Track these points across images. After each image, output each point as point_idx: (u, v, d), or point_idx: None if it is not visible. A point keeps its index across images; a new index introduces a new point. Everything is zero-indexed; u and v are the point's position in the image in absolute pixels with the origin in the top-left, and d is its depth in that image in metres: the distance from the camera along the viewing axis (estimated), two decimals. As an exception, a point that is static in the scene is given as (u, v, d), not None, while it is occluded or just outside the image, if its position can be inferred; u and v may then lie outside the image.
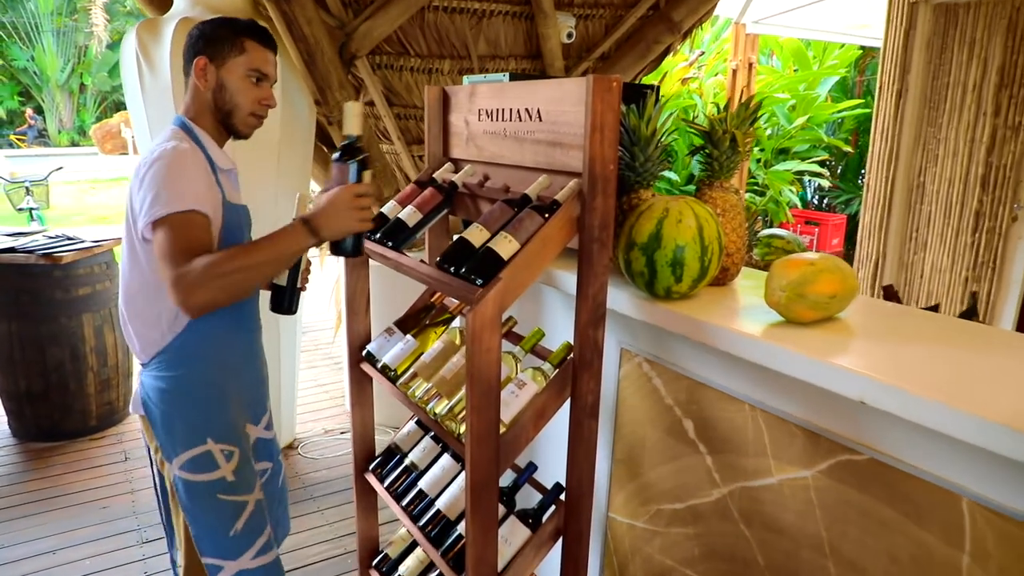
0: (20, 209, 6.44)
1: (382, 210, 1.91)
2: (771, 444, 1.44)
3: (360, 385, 2.11)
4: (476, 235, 1.52)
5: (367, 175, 1.64)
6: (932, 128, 3.73)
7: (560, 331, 1.99)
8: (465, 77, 2.15)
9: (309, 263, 1.94)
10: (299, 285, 1.91)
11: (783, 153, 6.30)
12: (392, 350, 1.92)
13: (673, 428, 1.70)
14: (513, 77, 1.92)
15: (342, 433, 3.77)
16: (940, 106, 3.67)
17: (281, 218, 3.33)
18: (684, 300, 1.54)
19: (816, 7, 4.66)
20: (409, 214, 1.82)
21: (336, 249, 1.69)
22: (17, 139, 20.70)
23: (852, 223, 7.03)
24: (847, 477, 1.29)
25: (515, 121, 1.70)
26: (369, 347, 2.00)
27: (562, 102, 1.52)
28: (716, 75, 6.62)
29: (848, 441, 1.26)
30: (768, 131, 6.43)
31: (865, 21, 5.09)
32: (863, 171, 7.40)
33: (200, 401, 1.72)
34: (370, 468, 2.12)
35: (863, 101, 6.80)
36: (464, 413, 1.56)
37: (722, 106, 1.71)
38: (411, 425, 2.12)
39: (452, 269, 1.51)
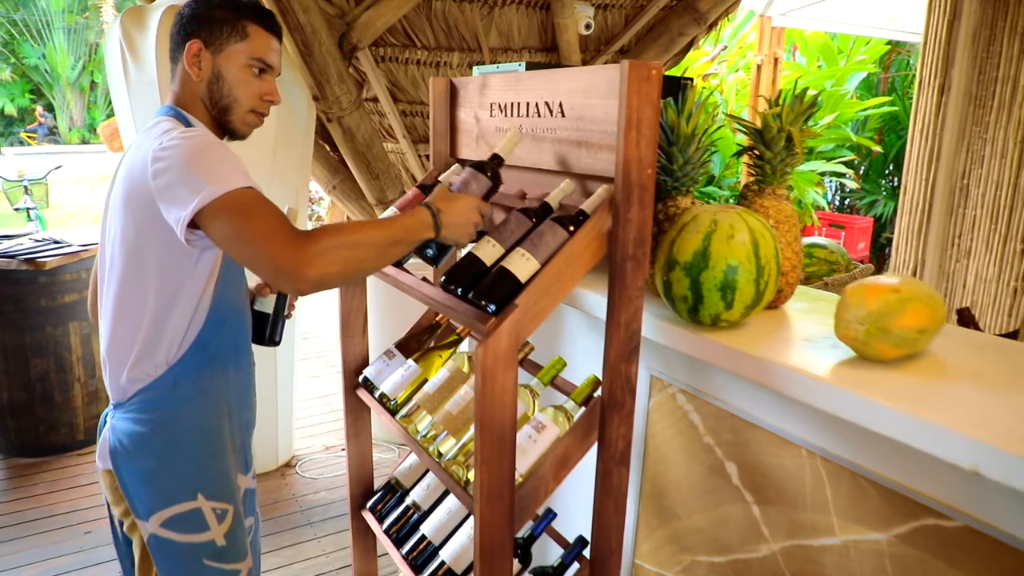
0: (17, 209, 6.26)
1: (382, 217, 1.69)
2: (834, 499, 1.22)
3: (356, 414, 1.88)
4: (488, 250, 1.29)
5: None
6: (978, 127, 3.46)
7: (584, 358, 1.75)
8: (475, 68, 1.91)
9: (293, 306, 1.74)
10: (286, 312, 1.68)
11: (807, 153, 6.03)
12: (392, 377, 1.69)
13: (713, 470, 1.48)
14: (530, 67, 1.68)
15: (343, 450, 3.55)
16: (987, 103, 3.41)
17: None
18: (732, 328, 1.30)
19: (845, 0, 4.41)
20: None
21: (419, 250, 1.48)
22: (28, 136, 20.66)
23: (877, 226, 6.76)
24: (933, 546, 1.07)
25: (533, 117, 1.47)
26: (366, 372, 1.78)
27: (589, 94, 1.29)
28: (737, 71, 6.36)
29: (937, 504, 1.04)
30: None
31: (895, 14, 4.82)
32: (887, 171, 7.12)
33: (192, 448, 1.46)
34: (368, 506, 1.89)
35: (891, 99, 6.52)
36: (473, 457, 1.34)
37: (773, 99, 1.47)
38: (414, 457, 1.89)
39: (459, 291, 1.27)
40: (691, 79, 1.93)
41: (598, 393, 1.37)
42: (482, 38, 3.15)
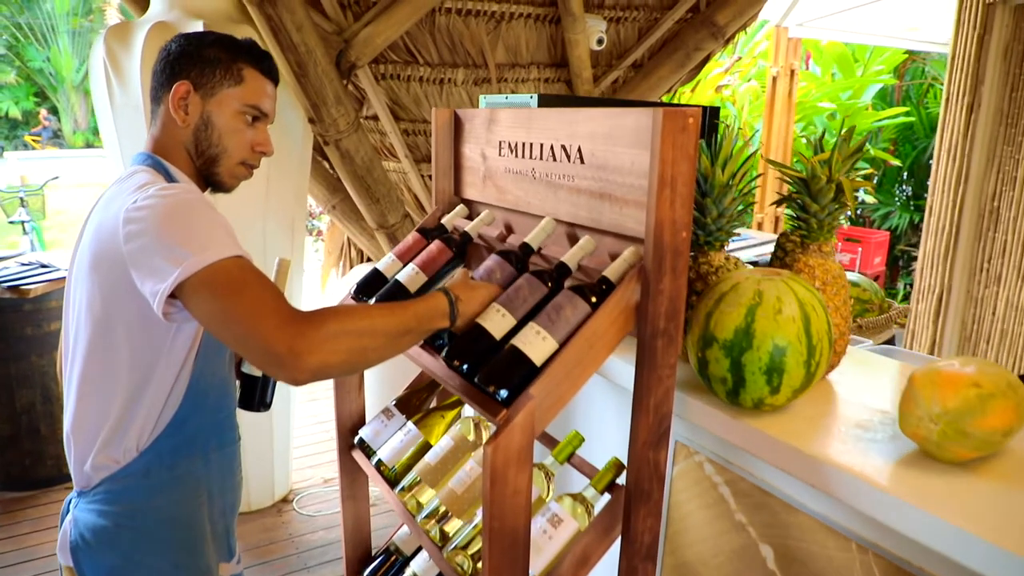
0: (12, 222, 6.13)
1: (376, 266, 1.53)
2: (890, 603, 1.05)
3: (352, 475, 1.72)
4: (497, 321, 1.12)
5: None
6: (1010, 147, 3.29)
7: (603, 428, 1.59)
8: (482, 97, 1.75)
9: None
10: None
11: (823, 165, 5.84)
12: (390, 442, 1.54)
13: (745, 552, 1.32)
14: (543, 101, 1.52)
15: (342, 483, 3.39)
16: (1019, 122, 3.23)
17: (269, 254, 3.02)
18: (775, 411, 1.14)
19: (865, 9, 4.23)
20: (410, 276, 1.42)
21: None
22: (32, 140, 20.61)
23: (891, 238, 6.57)
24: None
25: (547, 160, 1.31)
26: (362, 433, 1.62)
27: (614, 140, 1.13)
28: (749, 80, 6.18)
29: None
30: (804, 140, 5.99)
31: (916, 23, 4.65)
32: (901, 181, 6.94)
33: (165, 543, 1.30)
34: (365, 574, 1.73)
35: (908, 109, 6.33)
36: (480, 547, 1.18)
37: (817, 142, 1.31)
38: (414, 521, 1.73)
39: (465, 367, 1.11)
40: (718, 109, 1.76)
41: (621, 479, 1.21)
42: (488, 54, 2.99)
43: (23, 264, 3.38)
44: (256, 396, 1.47)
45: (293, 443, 3.39)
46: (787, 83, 4.82)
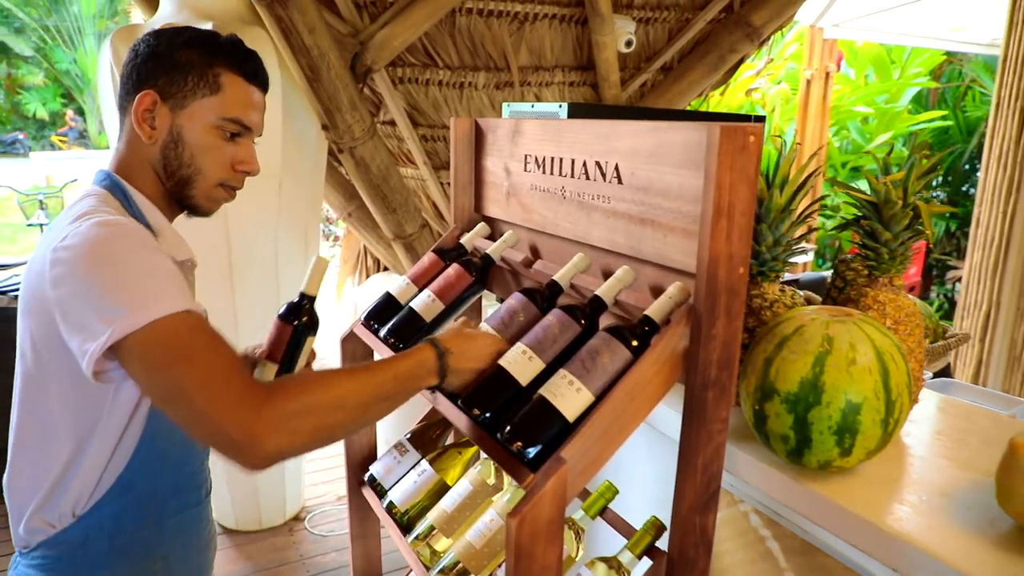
0: (31, 224, 6.09)
1: (389, 290, 1.40)
2: None
3: (362, 513, 1.59)
4: (523, 365, 0.99)
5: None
6: (1066, 154, 3.09)
7: (640, 481, 1.44)
8: (506, 105, 1.61)
9: (314, 353, 1.33)
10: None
11: (856, 171, 5.64)
12: (403, 483, 1.41)
13: (798, 618, 1.16)
14: (573, 110, 1.37)
15: (356, 501, 3.27)
16: (1077, 128, 3.03)
17: (281, 265, 2.90)
18: (843, 473, 0.99)
19: (906, 8, 4.04)
20: (425, 304, 1.29)
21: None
22: (59, 140, 20.85)
23: (926, 247, 6.35)
24: None
25: (579, 178, 1.17)
26: (373, 469, 1.49)
27: (658, 159, 0.98)
28: (779, 83, 5.98)
29: None
30: (837, 144, 5.79)
31: (961, 23, 4.44)
32: (935, 186, 6.70)
33: None
34: (374, 619, 1.60)
35: (945, 113, 6.10)
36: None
37: (884, 159, 1.15)
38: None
39: (487, 416, 0.98)
40: (763, 118, 1.61)
41: (661, 541, 1.07)
42: (511, 56, 2.85)
43: (33, 271, 3.29)
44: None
45: (306, 458, 3.27)
46: (821, 86, 4.62)
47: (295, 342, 1.21)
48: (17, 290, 3.00)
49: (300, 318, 1.20)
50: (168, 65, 1.07)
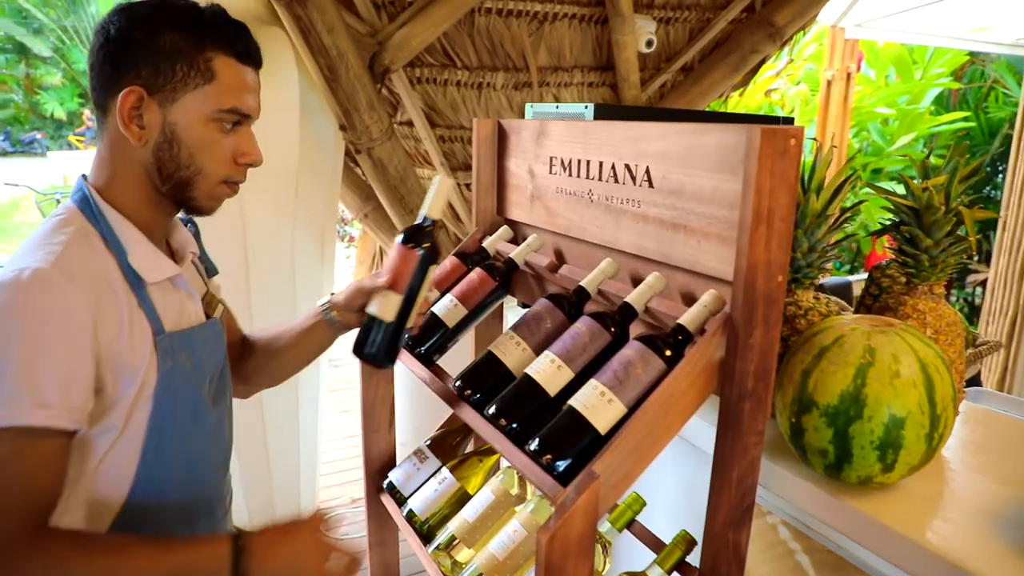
0: (48, 223, 6.15)
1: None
2: None
3: (380, 520, 1.57)
4: (551, 373, 0.96)
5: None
6: (1096, 157, 3.02)
7: (667, 492, 1.41)
8: (529, 105, 1.58)
9: (433, 291, 1.23)
10: (410, 324, 1.15)
11: (876, 174, 5.57)
12: (423, 490, 1.38)
13: (830, 635, 1.13)
14: (600, 112, 1.34)
15: (371, 504, 3.24)
16: (1107, 130, 2.96)
17: (297, 265, 2.86)
18: (883, 489, 0.95)
19: (930, 8, 3.97)
20: (448, 309, 1.26)
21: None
22: (76, 140, 21.05)
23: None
24: None
25: (607, 181, 1.14)
26: (392, 476, 1.47)
27: (691, 162, 0.95)
28: (798, 84, 5.92)
29: None
30: (857, 145, 5.72)
31: (985, 23, 4.36)
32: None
33: None
34: (392, 628, 1.58)
35: (967, 114, 6.01)
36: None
37: (921, 164, 1.11)
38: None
39: (514, 426, 0.95)
40: (792, 119, 1.58)
41: (691, 556, 1.04)
42: (530, 56, 2.82)
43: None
44: (376, 344, 1.11)
45: (321, 458, 3.25)
46: (843, 87, 4.56)
47: (421, 270, 1.11)
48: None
49: (424, 242, 1.11)
50: (150, 53, 0.94)
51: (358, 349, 1.14)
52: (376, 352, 1.11)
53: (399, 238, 1.13)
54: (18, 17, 18.81)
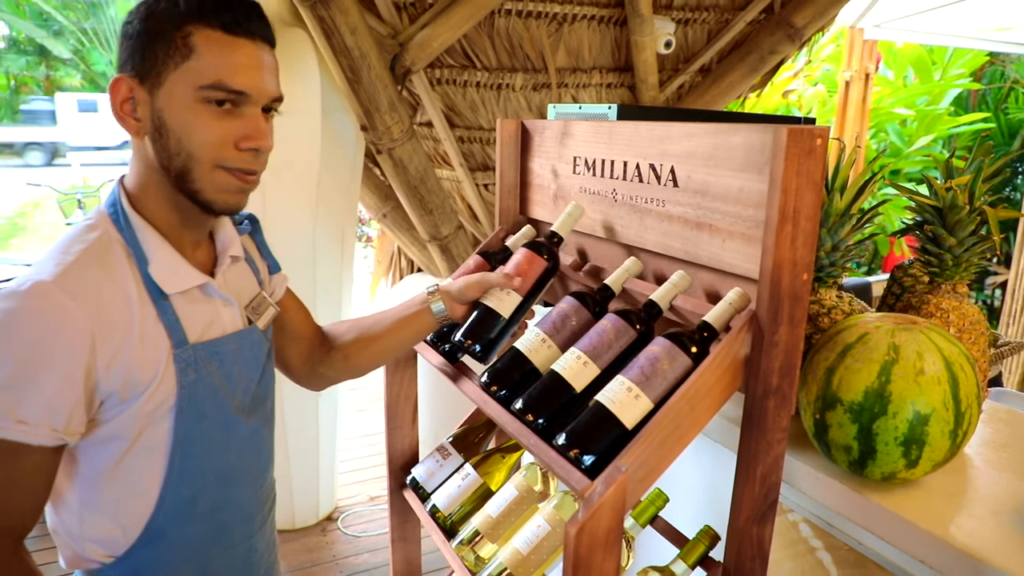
0: (69, 223, 6.20)
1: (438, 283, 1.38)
2: None
3: (403, 515, 1.58)
4: (577, 370, 0.97)
5: None
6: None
7: (689, 488, 1.42)
8: (551, 106, 1.60)
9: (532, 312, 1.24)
10: (516, 329, 1.19)
11: (894, 175, 5.54)
12: (446, 487, 1.40)
13: (851, 632, 1.14)
14: (623, 112, 1.36)
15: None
16: None
17: (318, 264, 2.89)
18: (906, 486, 0.96)
19: (950, 8, 3.95)
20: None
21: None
22: (94, 140, 21.25)
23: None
24: None
25: (632, 181, 1.15)
26: (415, 472, 1.48)
27: (716, 162, 0.96)
28: (816, 84, 5.89)
29: None
30: (875, 146, 5.69)
31: (1006, 22, 4.33)
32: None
33: None
34: (414, 622, 1.60)
35: (987, 115, 5.97)
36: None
37: (945, 165, 1.12)
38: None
39: (540, 422, 0.96)
40: (813, 120, 1.58)
41: (715, 551, 1.05)
42: (549, 58, 2.84)
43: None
44: (487, 338, 1.14)
45: (339, 456, 3.28)
46: (861, 88, 4.54)
47: (542, 278, 1.18)
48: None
49: (552, 256, 1.20)
50: (139, 40, 0.90)
51: (465, 338, 1.14)
52: (483, 344, 1.14)
53: (527, 244, 1.20)
54: (39, 20, 19.03)
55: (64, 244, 0.91)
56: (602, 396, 0.90)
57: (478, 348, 1.14)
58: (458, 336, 1.16)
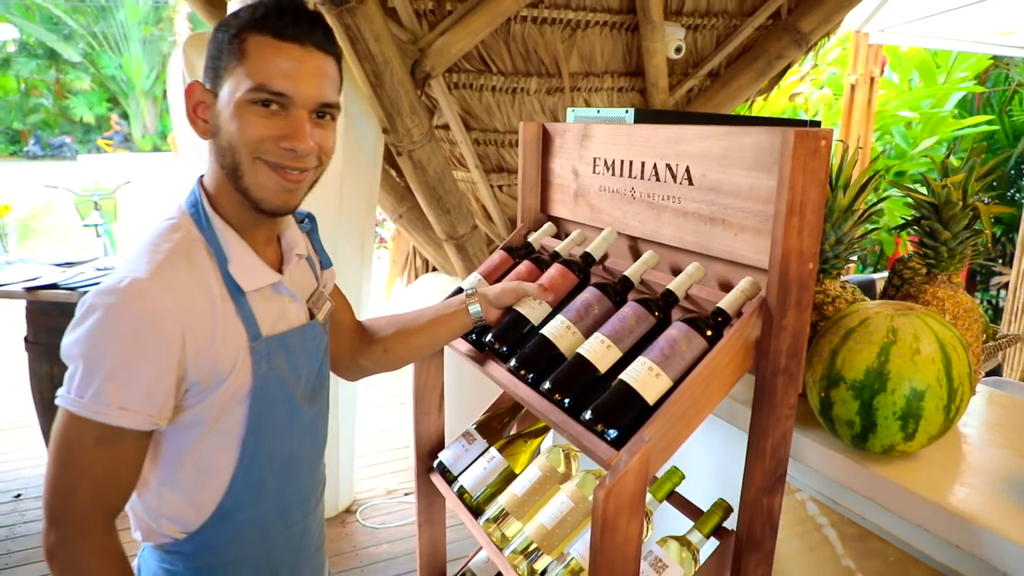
0: (87, 225, 6.30)
1: (461, 285, 1.47)
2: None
3: (429, 499, 1.67)
4: (601, 353, 1.06)
5: None
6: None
7: (703, 466, 1.50)
8: (570, 110, 1.69)
9: None
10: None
11: (899, 176, 5.61)
12: (473, 469, 1.48)
13: (854, 603, 1.22)
14: (640, 116, 1.45)
15: (406, 495, 3.36)
16: None
17: (338, 265, 2.94)
18: (905, 458, 1.04)
19: (955, 13, 4.02)
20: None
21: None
22: (105, 143, 21.40)
23: (972, 252, 6.25)
24: None
25: (649, 180, 1.24)
26: (442, 456, 1.57)
27: (729, 162, 1.05)
28: (822, 88, 5.97)
29: None
30: (880, 148, 5.76)
31: (1009, 27, 4.40)
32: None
33: None
34: (439, 601, 1.68)
35: (991, 117, 6.04)
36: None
37: (942, 164, 1.20)
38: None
39: (567, 402, 1.05)
40: (819, 122, 1.67)
41: (728, 522, 1.13)
42: (562, 63, 2.93)
43: (99, 269, 3.44)
44: (508, 338, 1.24)
45: (357, 451, 3.37)
46: (866, 91, 4.62)
47: (573, 293, 1.26)
48: (82, 286, 3.14)
49: (584, 274, 1.29)
50: (210, 48, 0.98)
51: (495, 339, 1.26)
52: (510, 346, 1.24)
53: (561, 261, 1.30)
54: (49, 23, 19.19)
55: (152, 243, 0.98)
56: (625, 375, 0.99)
57: (505, 349, 1.24)
58: (490, 337, 1.27)
